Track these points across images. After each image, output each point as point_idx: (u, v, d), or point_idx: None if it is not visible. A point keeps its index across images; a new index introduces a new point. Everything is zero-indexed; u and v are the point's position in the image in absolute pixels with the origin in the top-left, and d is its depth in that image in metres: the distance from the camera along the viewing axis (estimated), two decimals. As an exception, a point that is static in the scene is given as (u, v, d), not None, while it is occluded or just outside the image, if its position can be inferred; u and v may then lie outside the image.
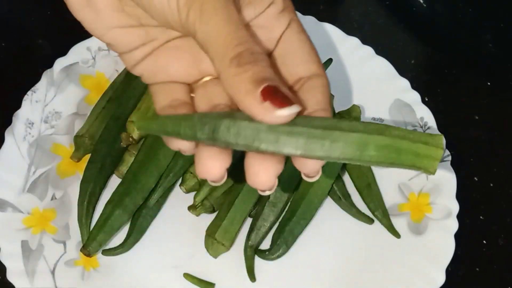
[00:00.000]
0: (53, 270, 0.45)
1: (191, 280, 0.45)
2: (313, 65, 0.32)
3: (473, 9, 0.60)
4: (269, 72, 0.29)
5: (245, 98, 0.28)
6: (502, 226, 0.49)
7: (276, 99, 0.28)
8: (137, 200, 0.46)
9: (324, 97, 0.32)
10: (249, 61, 0.28)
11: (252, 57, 0.28)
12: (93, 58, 0.53)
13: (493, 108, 0.55)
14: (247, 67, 0.28)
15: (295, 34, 0.32)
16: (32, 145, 0.49)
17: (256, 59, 0.29)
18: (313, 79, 0.32)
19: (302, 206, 0.47)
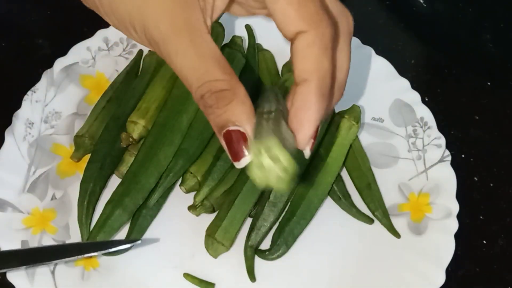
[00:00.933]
0: (53, 270, 0.45)
1: (191, 280, 0.45)
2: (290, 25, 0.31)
3: (473, 9, 0.60)
4: (230, 111, 0.30)
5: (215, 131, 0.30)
6: (502, 226, 0.49)
7: (231, 150, 0.30)
8: (137, 200, 0.46)
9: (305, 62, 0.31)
10: (210, 104, 0.30)
11: (212, 98, 0.30)
12: (93, 58, 0.53)
13: (493, 108, 0.55)
14: (210, 110, 0.30)
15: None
16: (32, 145, 0.49)
17: (217, 99, 0.30)
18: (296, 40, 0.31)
19: (302, 206, 0.47)
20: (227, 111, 0.29)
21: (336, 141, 0.48)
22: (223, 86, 0.30)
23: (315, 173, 0.47)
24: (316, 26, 0.31)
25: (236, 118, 0.30)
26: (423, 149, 0.50)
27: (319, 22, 0.31)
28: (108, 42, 0.53)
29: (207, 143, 0.48)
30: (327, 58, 0.31)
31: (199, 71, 0.30)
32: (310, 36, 0.30)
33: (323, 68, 0.31)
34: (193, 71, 0.30)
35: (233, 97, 0.30)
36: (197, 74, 0.30)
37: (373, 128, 0.51)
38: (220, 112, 0.29)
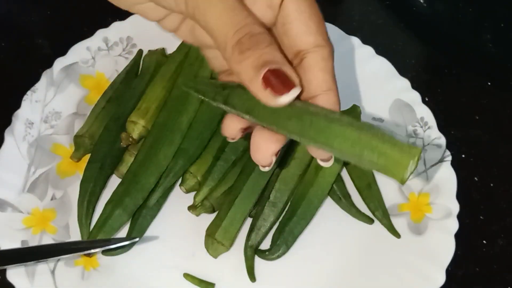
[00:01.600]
0: (53, 270, 0.45)
1: (191, 280, 0.45)
2: (310, 36, 0.31)
3: (473, 9, 0.60)
4: (270, 53, 0.29)
5: (250, 85, 0.29)
6: (502, 226, 0.49)
7: (277, 86, 0.29)
8: (137, 200, 0.46)
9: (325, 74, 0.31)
10: (249, 46, 0.29)
11: (252, 41, 0.29)
12: (93, 58, 0.53)
13: (493, 108, 0.55)
14: (248, 53, 0.29)
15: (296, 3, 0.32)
16: (32, 145, 0.49)
17: (256, 41, 0.29)
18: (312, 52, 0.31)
19: (302, 206, 0.47)
20: (268, 53, 0.29)
21: (336, 141, 0.48)
22: (261, 30, 0.30)
23: (315, 173, 0.47)
24: (329, 44, 0.32)
25: (277, 59, 0.29)
26: (423, 149, 0.50)
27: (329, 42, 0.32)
28: (108, 42, 0.53)
29: (207, 143, 0.48)
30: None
31: (237, 17, 0.29)
32: (326, 51, 0.31)
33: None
34: (231, 17, 0.29)
35: (271, 41, 0.29)
36: (236, 20, 0.29)
37: (373, 128, 0.51)
38: (260, 53, 0.29)
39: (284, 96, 0.28)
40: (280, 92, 0.28)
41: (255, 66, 0.29)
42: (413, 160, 0.27)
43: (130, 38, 0.54)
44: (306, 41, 0.31)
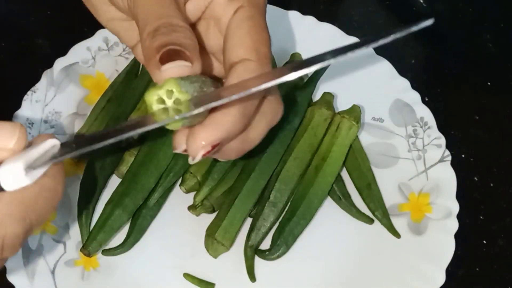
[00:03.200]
0: (53, 270, 0.45)
1: (191, 280, 0.45)
2: (240, 50, 0.32)
3: (473, 9, 0.60)
4: (180, 39, 0.29)
5: (148, 64, 0.30)
6: (502, 226, 0.49)
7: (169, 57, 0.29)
8: (137, 200, 0.46)
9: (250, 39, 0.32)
10: (163, 32, 0.30)
11: (168, 29, 0.30)
12: (93, 58, 0.53)
13: (493, 108, 0.55)
14: (158, 37, 0.30)
15: (238, 20, 0.33)
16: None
17: (172, 30, 0.30)
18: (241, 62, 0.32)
19: (302, 206, 0.47)
20: (176, 38, 0.30)
21: (336, 141, 0.48)
22: (182, 24, 0.30)
23: (315, 173, 0.47)
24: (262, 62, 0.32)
25: (184, 41, 0.30)
26: (423, 149, 0.50)
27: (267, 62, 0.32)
28: (108, 42, 0.53)
29: (207, 143, 0.48)
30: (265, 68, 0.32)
31: (163, 10, 0.30)
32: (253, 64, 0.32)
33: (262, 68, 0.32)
34: (157, 10, 0.30)
35: (187, 32, 0.30)
36: (161, 12, 0.30)
37: (373, 128, 0.51)
38: (168, 38, 0.29)
39: (167, 65, 0.29)
40: (164, 62, 0.29)
41: (159, 46, 0.29)
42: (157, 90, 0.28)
43: (130, 38, 0.54)
44: (236, 53, 0.32)
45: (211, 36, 0.35)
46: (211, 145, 0.31)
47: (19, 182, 0.27)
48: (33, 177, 0.27)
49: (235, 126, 0.31)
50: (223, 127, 0.30)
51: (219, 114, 0.30)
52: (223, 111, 0.30)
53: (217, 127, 0.30)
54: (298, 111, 0.49)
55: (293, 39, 0.54)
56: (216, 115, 0.30)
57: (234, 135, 0.32)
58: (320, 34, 0.54)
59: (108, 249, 0.46)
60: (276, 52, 0.53)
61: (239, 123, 0.31)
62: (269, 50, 0.33)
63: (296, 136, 0.48)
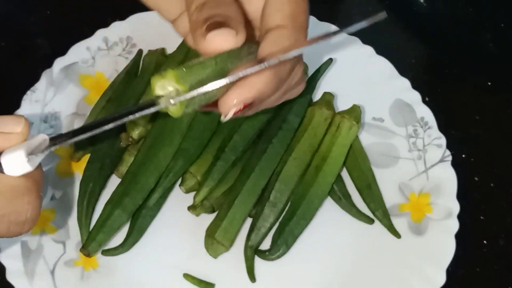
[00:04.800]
0: (52, 270, 0.45)
1: (191, 280, 0.45)
2: (277, 17, 0.32)
3: (474, 9, 0.60)
4: (226, 12, 0.30)
5: (194, 35, 0.30)
6: (502, 226, 0.49)
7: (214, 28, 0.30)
8: (137, 200, 0.46)
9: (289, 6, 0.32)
10: (210, 6, 0.30)
11: (215, 2, 0.31)
12: (92, 58, 0.53)
13: (493, 108, 0.55)
14: (206, 10, 0.30)
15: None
16: (32, 145, 0.49)
17: (218, 4, 0.31)
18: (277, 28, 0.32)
19: (302, 206, 0.47)
20: (222, 11, 0.30)
21: (336, 141, 0.48)
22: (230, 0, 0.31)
23: (315, 173, 0.47)
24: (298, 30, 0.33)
25: (230, 14, 0.30)
26: (424, 149, 0.50)
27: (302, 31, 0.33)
28: (108, 41, 0.53)
29: (207, 143, 0.48)
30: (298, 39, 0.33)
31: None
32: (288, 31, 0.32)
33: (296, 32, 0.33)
34: None
35: (233, 6, 0.31)
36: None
37: (373, 128, 0.51)
38: (215, 11, 0.30)
39: (212, 32, 0.29)
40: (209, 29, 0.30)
41: (205, 18, 0.30)
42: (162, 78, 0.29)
43: (130, 38, 0.54)
44: (274, 20, 0.33)
45: (252, 2, 0.35)
46: (244, 103, 0.31)
47: (23, 168, 0.31)
48: (33, 164, 0.31)
49: (268, 87, 0.32)
50: (256, 87, 0.31)
51: (255, 76, 0.31)
52: (258, 74, 0.31)
53: (251, 87, 0.31)
54: (298, 111, 0.49)
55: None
56: (252, 77, 0.31)
57: (267, 95, 0.32)
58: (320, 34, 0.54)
59: (107, 249, 0.46)
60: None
61: (272, 84, 0.32)
62: (306, 20, 0.33)
63: (296, 136, 0.48)
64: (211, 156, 0.48)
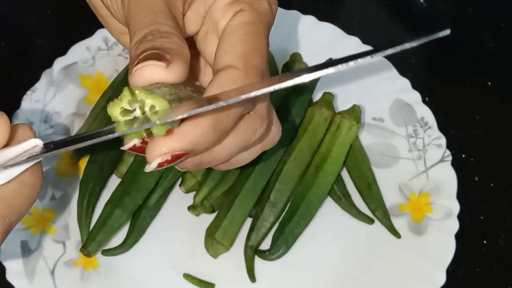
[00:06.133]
0: (52, 270, 0.45)
1: (191, 280, 0.45)
2: (227, 56, 0.29)
3: (474, 9, 0.60)
4: (164, 43, 0.28)
5: (129, 72, 0.28)
6: (502, 226, 0.49)
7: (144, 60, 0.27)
8: (137, 200, 0.46)
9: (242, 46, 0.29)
10: (149, 39, 0.28)
11: (155, 36, 0.28)
12: (92, 57, 0.53)
13: (493, 108, 0.55)
14: (142, 45, 0.28)
15: (233, 25, 0.30)
16: (32, 145, 0.49)
17: (159, 36, 0.28)
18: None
19: (302, 206, 0.47)
20: (161, 41, 0.28)
21: (336, 141, 0.48)
22: (171, 30, 0.29)
23: (315, 173, 0.47)
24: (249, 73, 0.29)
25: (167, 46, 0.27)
26: (424, 149, 0.50)
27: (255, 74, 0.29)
28: (108, 41, 0.53)
29: (207, 143, 0.48)
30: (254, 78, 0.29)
31: (152, 18, 0.29)
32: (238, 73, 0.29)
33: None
34: (147, 18, 0.29)
35: (174, 38, 0.28)
36: (149, 19, 0.29)
37: (374, 128, 0.51)
38: (153, 43, 0.28)
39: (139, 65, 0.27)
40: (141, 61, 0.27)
41: (140, 51, 0.28)
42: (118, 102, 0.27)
43: (130, 38, 0.54)
44: (223, 60, 0.29)
45: (208, 43, 0.33)
46: (172, 155, 0.28)
47: None
48: (6, 177, 0.27)
49: (204, 139, 0.28)
50: (189, 138, 0.28)
51: (188, 124, 0.28)
52: (193, 121, 0.28)
53: (182, 136, 0.28)
54: (298, 111, 0.49)
55: (293, 38, 0.54)
56: (185, 124, 0.28)
57: (202, 148, 0.29)
58: (320, 34, 0.54)
59: (107, 249, 0.46)
60: (276, 52, 0.53)
61: (209, 136, 0.28)
62: (262, 62, 0.30)
63: (296, 136, 0.48)
64: (211, 156, 0.48)
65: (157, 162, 0.28)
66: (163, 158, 0.28)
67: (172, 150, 0.28)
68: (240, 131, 0.30)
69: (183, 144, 0.28)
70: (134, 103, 0.27)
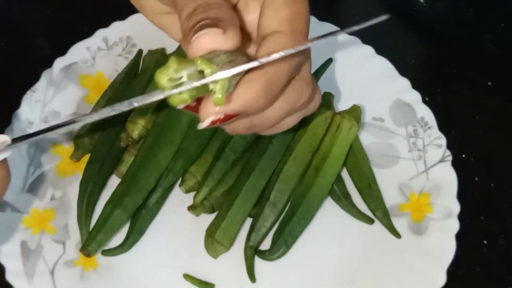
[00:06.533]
0: (52, 271, 0.45)
1: (191, 280, 0.45)
2: (273, 22, 0.30)
3: (474, 9, 0.60)
4: (215, 14, 0.28)
5: (183, 44, 0.29)
6: (502, 226, 0.49)
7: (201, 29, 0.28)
8: (137, 200, 0.46)
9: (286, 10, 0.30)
10: (199, 12, 0.29)
11: (205, 8, 0.29)
12: (92, 57, 0.53)
13: (493, 108, 0.55)
14: (195, 17, 0.29)
15: None
16: (32, 145, 0.49)
17: (209, 8, 0.29)
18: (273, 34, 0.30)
19: (302, 206, 0.47)
20: (212, 12, 0.28)
21: (336, 141, 0.48)
22: (217, 1, 0.29)
23: (315, 173, 0.47)
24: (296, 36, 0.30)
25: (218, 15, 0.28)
26: (424, 149, 0.50)
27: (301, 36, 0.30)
28: (108, 41, 0.53)
29: (207, 143, 0.48)
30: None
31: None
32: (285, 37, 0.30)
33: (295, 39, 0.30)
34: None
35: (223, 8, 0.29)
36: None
37: (374, 128, 0.51)
38: (204, 15, 0.28)
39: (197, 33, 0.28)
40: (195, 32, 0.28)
41: (195, 22, 0.28)
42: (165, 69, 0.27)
43: (130, 38, 0.54)
44: (270, 26, 0.30)
45: (249, 10, 0.33)
46: (225, 114, 0.29)
47: None
48: None
49: (256, 101, 0.29)
50: (242, 100, 0.29)
51: (242, 86, 0.29)
52: (246, 84, 0.29)
53: (236, 98, 0.29)
54: (298, 111, 0.49)
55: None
56: (238, 87, 0.29)
57: (254, 110, 0.30)
58: (320, 34, 0.54)
59: (107, 249, 0.46)
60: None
61: (261, 98, 0.29)
62: (306, 25, 0.31)
63: (296, 136, 0.48)
64: (211, 156, 0.48)
65: (210, 119, 0.29)
66: (216, 116, 0.29)
67: (226, 110, 0.29)
68: (288, 94, 0.31)
69: (236, 105, 0.29)
70: (180, 71, 0.28)
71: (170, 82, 0.28)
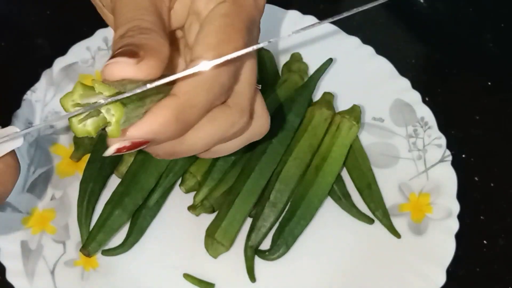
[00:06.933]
0: (52, 270, 0.45)
1: (191, 280, 0.45)
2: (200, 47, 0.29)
3: (474, 9, 0.60)
4: (141, 40, 0.28)
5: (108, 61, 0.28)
6: (502, 226, 0.49)
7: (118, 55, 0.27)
8: (137, 200, 0.46)
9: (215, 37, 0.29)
10: (129, 35, 0.28)
11: (136, 32, 0.28)
12: (92, 57, 0.53)
13: (493, 108, 0.55)
14: (122, 40, 0.28)
15: (211, 16, 0.30)
16: (32, 145, 0.49)
17: (139, 33, 0.28)
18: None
19: (302, 206, 0.47)
20: (140, 38, 0.28)
21: (336, 141, 0.48)
22: (150, 27, 0.28)
23: (315, 173, 0.47)
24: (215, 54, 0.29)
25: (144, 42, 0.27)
26: (424, 149, 0.50)
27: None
28: (108, 41, 0.53)
29: (207, 143, 0.48)
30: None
31: (135, 13, 0.29)
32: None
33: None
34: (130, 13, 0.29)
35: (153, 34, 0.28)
36: (132, 15, 0.29)
37: (374, 128, 0.51)
38: (131, 40, 0.27)
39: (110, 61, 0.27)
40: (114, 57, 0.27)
41: (117, 48, 0.28)
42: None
43: (130, 38, 0.54)
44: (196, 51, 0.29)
45: (191, 34, 0.32)
46: (132, 142, 0.28)
47: None
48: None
49: (165, 128, 0.28)
50: (148, 127, 0.27)
51: (150, 113, 0.27)
52: (154, 111, 0.27)
53: (143, 126, 0.27)
54: (298, 111, 0.49)
55: (293, 38, 0.54)
56: (147, 113, 0.27)
57: (165, 138, 0.28)
58: (320, 34, 0.54)
59: (107, 249, 0.46)
60: (276, 52, 0.53)
61: (171, 126, 0.28)
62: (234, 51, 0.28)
63: (296, 136, 0.48)
64: (211, 156, 0.48)
65: (115, 147, 0.28)
66: (121, 144, 0.28)
67: (131, 137, 0.28)
68: (215, 122, 0.30)
69: (142, 132, 0.27)
70: (86, 98, 0.27)
71: (74, 107, 0.27)
